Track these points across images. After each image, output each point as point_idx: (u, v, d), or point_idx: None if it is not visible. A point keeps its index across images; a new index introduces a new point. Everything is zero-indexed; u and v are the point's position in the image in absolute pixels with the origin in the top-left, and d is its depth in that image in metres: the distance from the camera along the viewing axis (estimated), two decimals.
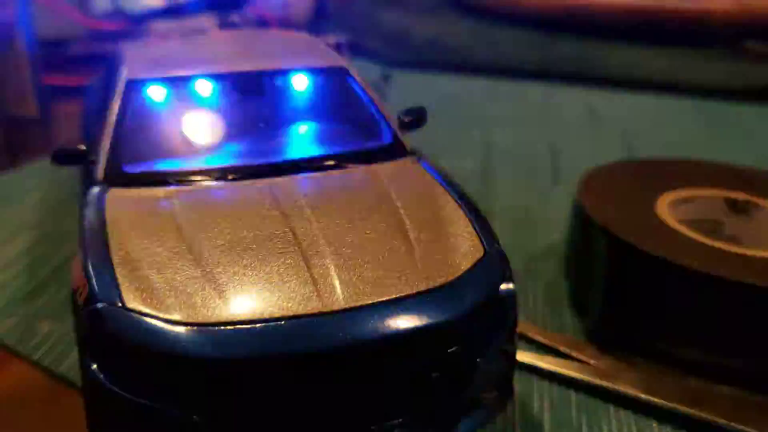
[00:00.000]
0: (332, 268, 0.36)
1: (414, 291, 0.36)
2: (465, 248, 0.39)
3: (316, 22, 1.35)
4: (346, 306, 0.34)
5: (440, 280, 0.37)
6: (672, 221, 0.52)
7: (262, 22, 1.11)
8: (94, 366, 0.34)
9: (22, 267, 0.58)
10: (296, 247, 0.37)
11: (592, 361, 0.48)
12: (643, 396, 0.44)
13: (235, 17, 1.05)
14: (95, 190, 0.43)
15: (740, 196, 0.57)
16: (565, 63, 1.16)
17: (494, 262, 0.39)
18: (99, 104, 0.55)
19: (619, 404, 0.44)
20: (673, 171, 0.60)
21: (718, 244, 0.48)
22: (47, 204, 0.69)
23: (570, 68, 1.14)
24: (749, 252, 0.48)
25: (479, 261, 0.38)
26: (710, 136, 0.92)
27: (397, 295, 0.35)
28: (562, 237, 0.63)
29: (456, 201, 0.43)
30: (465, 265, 0.38)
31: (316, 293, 0.34)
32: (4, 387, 0.46)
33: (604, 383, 0.45)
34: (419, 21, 1.42)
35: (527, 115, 0.99)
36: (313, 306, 0.34)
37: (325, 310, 0.34)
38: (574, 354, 0.48)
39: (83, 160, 0.46)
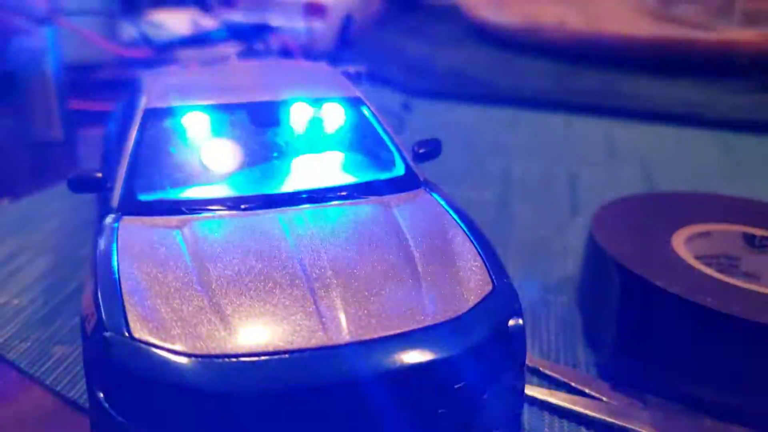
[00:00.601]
0: (339, 301, 0.36)
1: (420, 326, 0.36)
2: (473, 282, 0.39)
3: (339, 52, 1.36)
4: (352, 340, 0.34)
5: (447, 315, 0.36)
6: (688, 256, 0.51)
7: (285, 52, 1.12)
8: (101, 394, 0.34)
9: (39, 292, 0.58)
10: (304, 280, 0.37)
11: (604, 398, 0.47)
12: None
13: (258, 46, 1.07)
14: (109, 218, 0.43)
15: (759, 231, 0.56)
16: (587, 94, 1.16)
17: (502, 296, 0.39)
18: (118, 132, 0.56)
19: None
20: (690, 205, 0.59)
21: (734, 281, 0.47)
22: (67, 229, 0.70)
23: (591, 99, 1.14)
24: (765, 290, 0.47)
25: (487, 295, 0.38)
26: (732, 170, 0.91)
27: (403, 330, 0.35)
28: (577, 271, 0.63)
29: (466, 233, 0.43)
30: (473, 299, 0.38)
31: (321, 327, 0.35)
32: (16, 410, 0.46)
33: (617, 421, 0.45)
34: (441, 51, 1.43)
35: (547, 146, 0.98)
36: (318, 340, 0.34)
37: (330, 344, 0.34)
38: (587, 390, 0.48)
39: (99, 188, 0.47)
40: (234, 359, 0.33)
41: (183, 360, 0.33)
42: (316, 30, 1.31)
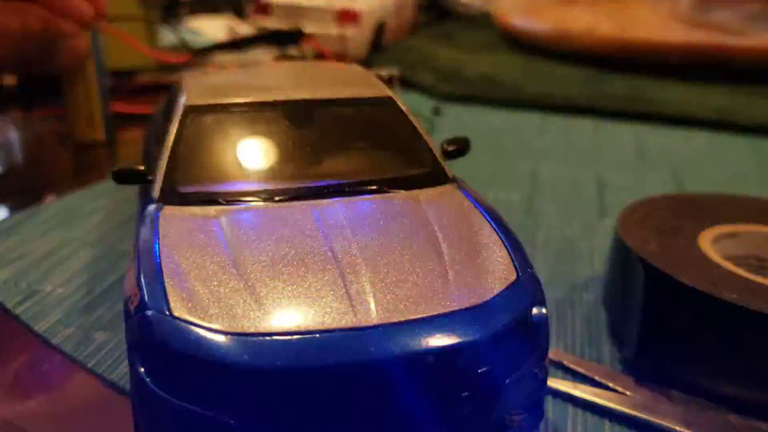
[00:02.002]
0: (368, 285, 0.37)
1: (446, 311, 0.37)
2: (498, 271, 0.40)
3: (371, 57, 1.38)
4: (379, 322, 0.36)
5: (472, 301, 0.38)
6: (715, 255, 0.52)
7: (319, 56, 1.15)
8: (142, 369, 0.36)
9: (82, 282, 0.61)
10: (335, 265, 0.39)
11: (628, 392, 0.48)
12: (680, 429, 0.44)
13: (293, 51, 1.09)
14: (151, 207, 0.45)
15: None
16: (617, 99, 1.16)
17: (526, 286, 0.40)
18: (159, 128, 0.58)
19: None
20: (717, 206, 0.60)
21: (759, 279, 0.48)
22: (109, 224, 0.72)
23: (621, 104, 1.14)
24: None
25: (511, 284, 0.39)
26: (762, 174, 0.90)
27: (430, 314, 0.36)
28: (603, 270, 0.63)
29: (492, 226, 0.44)
30: (497, 287, 0.39)
31: (351, 309, 0.36)
32: (61, 391, 0.48)
33: (640, 414, 0.45)
34: (472, 57, 1.44)
35: (576, 150, 0.99)
36: (348, 321, 0.35)
37: (359, 325, 0.35)
38: (611, 384, 0.49)
39: (141, 180, 0.49)
40: (268, 337, 0.34)
41: (220, 337, 0.35)
42: (349, 36, 1.33)
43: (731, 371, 0.46)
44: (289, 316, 0.36)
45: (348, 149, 0.52)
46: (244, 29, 1.29)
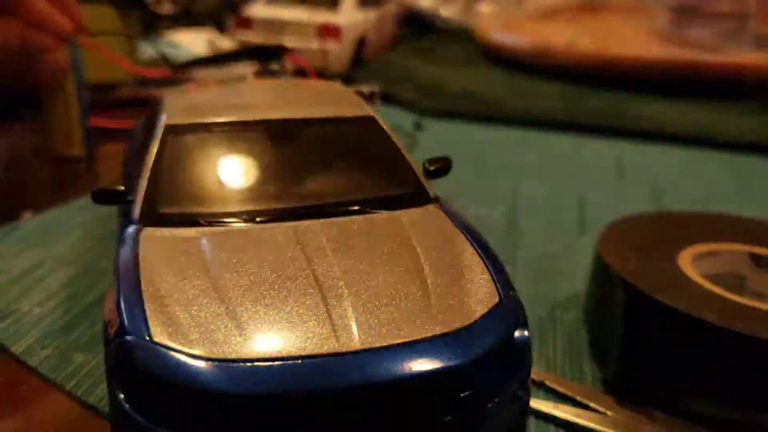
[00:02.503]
0: (350, 310, 0.37)
1: (429, 335, 0.37)
2: (480, 294, 0.40)
3: (353, 72, 1.38)
4: (362, 347, 0.36)
5: (455, 325, 0.38)
6: (694, 274, 0.52)
7: (300, 71, 1.15)
8: (121, 395, 0.36)
9: (60, 301, 0.60)
10: (317, 289, 0.39)
11: (609, 412, 0.48)
12: None
13: (274, 66, 1.09)
14: (131, 228, 0.45)
15: (765, 251, 0.57)
16: (595, 115, 1.17)
17: (509, 308, 0.40)
18: (139, 147, 0.58)
19: None
20: (696, 224, 0.60)
21: (737, 299, 0.48)
22: (88, 241, 0.72)
23: (599, 120, 1.15)
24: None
25: (494, 307, 0.40)
26: (739, 191, 0.92)
27: (412, 339, 0.36)
28: (584, 288, 0.64)
29: (474, 248, 0.44)
30: (480, 310, 0.39)
31: (333, 334, 0.36)
32: (38, 414, 0.47)
33: None
34: (453, 72, 1.45)
35: (556, 166, 1.00)
36: (330, 346, 0.35)
37: (341, 350, 0.35)
38: (592, 404, 0.49)
39: (121, 200, 0.49)
40: (249, 363, 0.34)
41: (200, 363, 0.34)
42: (330, 51, 1.34)
43: (711, 391, 0.47)
44: (270, 341, 0.35)
45: (329, 169, 0.52)
46: (225, 44, 1.29)
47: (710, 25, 1.43)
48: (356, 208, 0.48)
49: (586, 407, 0.49)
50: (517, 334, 0.39)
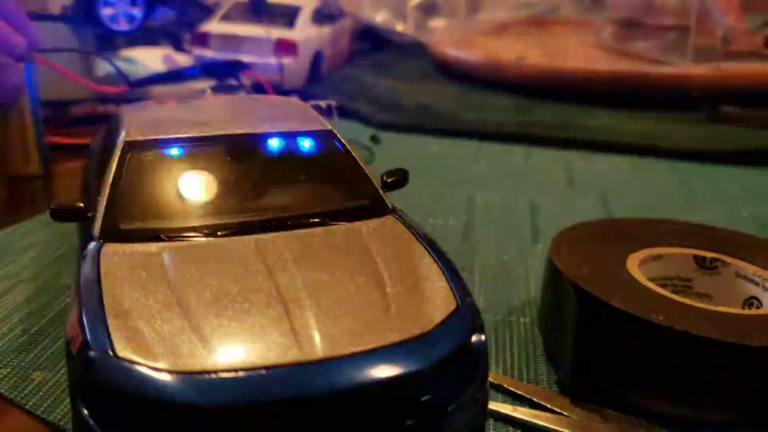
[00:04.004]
0: (312, 319, 0.38)
1: (389, 342, 0.38)
2: (438, 301, 0.42)
3: (309, 87, 1.40)
4: (324, 356, 0.36)
5: (414, 332, 0.39)
6: (642, 277, 0.54)
7: (257, 87, 1.15)
8: (85, 411, 0.36)
9: (18, 319, 0.60)
10: (279, 300, 0.39)
11: (565, 413, 0.50)
12: None
13: (231, 82, 1.09)
14: (92, 245, 0.45)
15: (709, 254, 0.59)
16: (546, 126, 1.20)
17: (466, 314, 0.41)
18: (98, 163, 0.58)
19: None
20: (643, 230, 0.63)
21: (682, 300, 0.51)
22: (46, 258, 0.71)
23: (550, 132, 1.18)
24: (713, 308, 0.50)
25: (452, 313, 0.41)
26: (686, 197, 0.95)
27: (373, 346, 0.38)
28: (538, 294, 0.65)
29: (432, 256, 0.46)
30: (438, 317, 0.40)
31: (296, 344, 0.37)
32: None
33: None
34: (408, 86, 1.47)
35: (509, 176, 1.02)
36: (293, 356, 0.36)
37: (303, 359, 0.36)
38: (548, 405, 0.50)
39: (80, 217, 0.49)
40: (213, 375, 0.35)
41: (165, 376, 0.35)
42: (287, 66, 1.35)
43: (662, 389, 0.49)
44: (234, 353, 0.36)
45: (289, 183, 0.53)
46: (182, 60, 1.29)
47: (653, 37, 1.48)
48: (317, 220, 0.49)
49: (543, 408, 0.50)
50: (474, 338, 0.41)
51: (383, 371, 0.37)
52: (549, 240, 0.60)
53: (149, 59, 1.25)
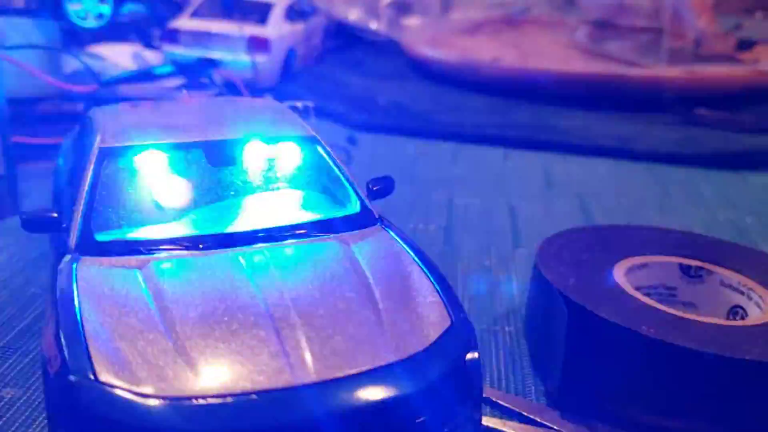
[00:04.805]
0: (303, 341, 0.37)
1: (383, 363, 0.37)
2: (432, 318, 0.40)
3: (283, 85, 1.37)
4: (317, 379, 0.35)
5: (409, 352, 0.38)
6: (628, 287, 0.54)
7: (230, 86, 1.13)
8: None
9: None
10: (268, 320, 0.38)
11: (555, 426, 0.49)
12: None
13: (203, 80, 1.07)
14: (67, 258, 0.43)
15: (694, 262, 0.59)
16: (522, 128, 1.20)
17: (460, 331, 0.40)
18: (71, 170, 0.56)
19: None
20: (629, 237, 0.62)
21: (672, 311, 0.50)
22: (13, 266, 0.68)
23: (526, 133, 1.18)
24: (703, 319, 0.50)
25: (446, 331, 0.40)
26: (662, 200, 0.95)
27: (367, 368, 0.36)
28: (523, 301, 0.65)
29: (423, 270, 0.44)
30: (433, 335, 0.39)
31: (287, 366, 0.35)
32: None
33: None
34: (383, 85, 1.45)
35: (487, 179, 1.01)
36: (285, 379, 0.35)
37: (296, 383, 0.35)
38: (538, 418, 0.50)
39: (54, 228, 0.47)
40: (201, 401, 0.33)
41: (150, 402, 0.33)
42: (260, 64, 1.32)
43: (652, 402, 0.48)
44: (222, 376, 0.35)
45: (273, 192, 0.51)
46: (152, 57, 1.25)
47: (626, 39, 1.48)
48: (302, 232, 0.47)
49: (532, 422, 0.49)
50: (469, 356, 0.40)
51: (379, 393, 0.36)
52: (530, 244, 0.60)
53: (118, 56, 1.21)
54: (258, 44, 1.33)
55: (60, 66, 1.07)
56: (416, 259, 0.46)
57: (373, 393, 0.35)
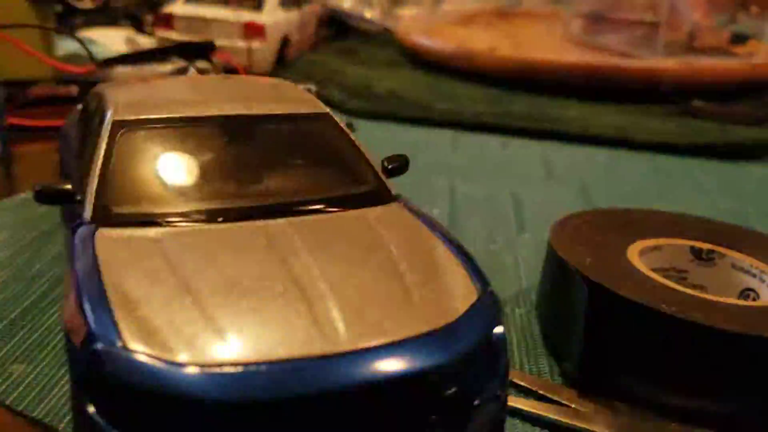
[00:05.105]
0: (334, 310, 0.36)
1: (414, 334, 0.36)
2: (459, 291, 0.40)
3: (277, 72, 1.36)
4: (351, 348, 0.34)
5: (439, 323, 0.37)
6: (644, 268, 0.54)
7: (229, 70, 1.12)
8: (92, 409, 0.33)
9: None
10: (296, 289, 0.37)
11: (573, 405, 0.49)
12: None
13: (201, 64, 1.06)
14: (84, 229, 0.42)
15: (705, 246, 0.59)
16: (520, 117, 1.20)
17: (488, 304, 0.40)
18: (79, 146, 0.55)
19: None
20: (640, 220, 0.62)
21: (691, 291, 0.50)
22: (14, 245, 0.67)
23: (525, 123, 1.18)
24: (721, 299, 0.50)
25: (474, 303, 0.39)
26: (663, 190, 0.96)
27: (399, 338, 0.36)
28: (531, 283, 0.65)
29: (445, 244, 0.44)
30: (461, 308, 0.39)
31: (320, 335, 0.35)
32: None
33: (589, 427, 0.46)
34: (378, 73, 1.45)
35: (488, 166, 1.01)
36: (318, 347, 0.34)
37: (329, 351, 0.34)
38: (555, 397, 0.49)
39: (68, 199, 0.46)
40: (235, 368, 0.32)
41: (183, 370, 0.32)
42: (254, 50, 1.31)
43: (671, 381, 0.48)
44: (255, 344, 0.34)
45: (290, 167, 0.50)
46: (144, 42, 1.24)
47: (620, 31, 1.49)
48: (321, 206, 0.47)
49: (551, 401, 0.49)
50: (496, 330, 0.39)
51: (410, 364, 0.35)
52: (535, 230, 0.59)
53: (110, 40, 1.19)
54: (253, 30, 1.31)
55: (54, 47, 1.05)
56: (437, 234, 0.45)
57: (405, 363, 0.35)
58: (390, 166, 0.54)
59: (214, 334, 0.34)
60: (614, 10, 1.50)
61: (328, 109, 0.55)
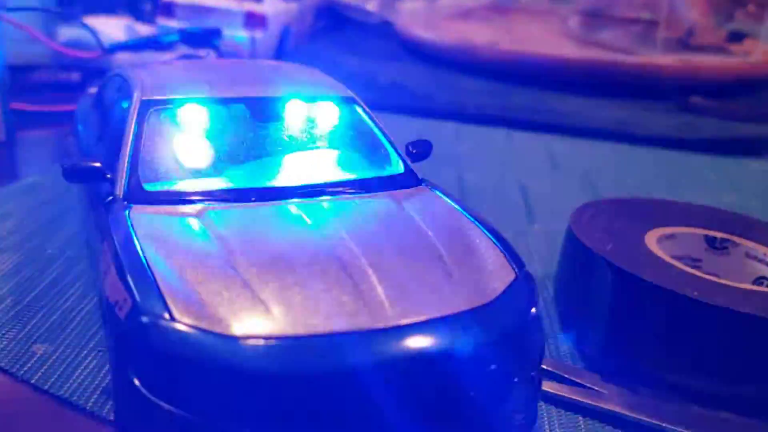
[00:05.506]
0: (378, 286, 0.36)
1: (456, 311, 0.36)
2: (497, 271, 0.40)
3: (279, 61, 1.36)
4: (396, 323, 0.35)
5: (480, 301, 0.37)
6: (664, 255, 0.54)
7: (235, 57, 1.11)
8: (137, 381, 0.33)
9: (7, 290, 0.55)
10: (339, 266, 0.37)
11: (596, 387, 0.49)
12: (654, 422, 0.46)
13: (207, 52, 1.05)
14: (118, 206, 0.42)
15: (719, 234, 0.60)
16: (523, 110, 1.20)
17: (525, 284, 0.40)
18: (101, 128, 0.54)
19: (627, 429, 0.46)
20: (655, 209, 0.63)
21: (711, 277, 0.51)
22: (25, 228, 0.66)
23: (528, 115, 1.18)
24: (742, 286, 0.50)
25: (512, 283, 0.40)
26: (668, 184, 0.96)
27: (443, 314, 0.36)
28: (545, 272, 0.65)
29: (479, 226, 0.44)
30: (499, 287, 0.39)
31: (366, 310, 0.35)
32: (6, 410, 0.43)
33: (614, 408, 0.47)
34: (379, 65, 1.45)
35: (493, 158, 1.02)
36: (364, 322, 0.34)
37: (375, 326, 0.34)
38: (579, 381, 0.50)
39: (98, 177, 0.45)
40: (287, 341, 0.33)
41: (229, 342, 0.32)
42: (257, 40, 1.30)
43: (694, 365, 0.49)
44: (302, 318, 0.34)
45: (316, 149, 0.50)
46: (144, 30, 1.23)
47: (619, 27, 1.50)
48: (352, 188, 0.47)
49: (574, 384, 0.49)
50: (533, 310, 0.39)
51: (452, 341, 0.35)
52: (545, 221, 0.59)
53: (110, 29, 1.18)
54: (255, 20, 1.31)
55: (56, 32, 1.04)
56: (469, 216, 0.45)
57: (448, 339, 0.35)
58: (414, 151, 0.54)
59: (261, 308, 0.34)
60: (612, 7, 1.50)
61: (352, 93, 0.55)
